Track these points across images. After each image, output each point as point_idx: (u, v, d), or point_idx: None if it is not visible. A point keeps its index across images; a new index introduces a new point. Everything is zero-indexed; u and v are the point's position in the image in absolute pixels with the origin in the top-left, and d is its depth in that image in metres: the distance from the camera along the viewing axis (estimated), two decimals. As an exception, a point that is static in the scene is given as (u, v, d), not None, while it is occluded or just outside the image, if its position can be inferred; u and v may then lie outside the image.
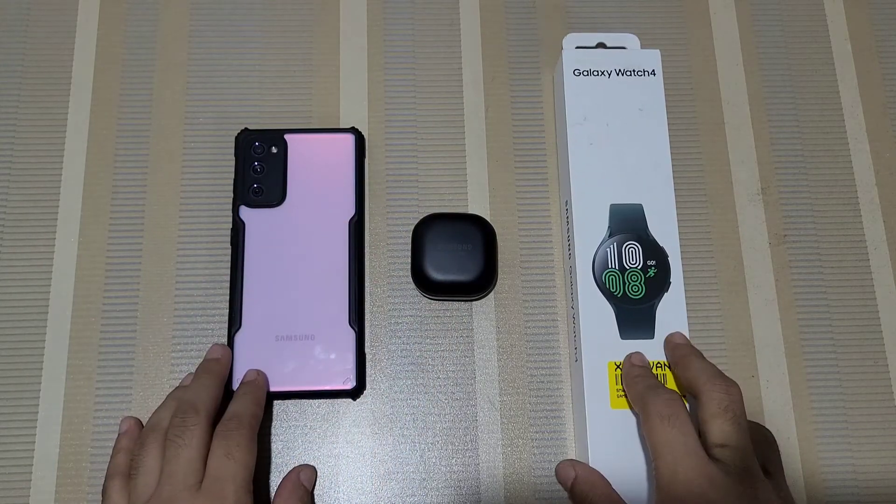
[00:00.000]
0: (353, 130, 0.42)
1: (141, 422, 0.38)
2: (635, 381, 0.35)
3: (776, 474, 0.33)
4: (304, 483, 0.37)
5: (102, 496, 0.34)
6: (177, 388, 0.37)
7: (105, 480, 0.34)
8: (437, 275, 0.39)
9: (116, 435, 0.37)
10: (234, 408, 0.35)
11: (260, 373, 0.38)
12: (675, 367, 0.36)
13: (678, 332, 0.38)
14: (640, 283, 0.39)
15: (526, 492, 0.38)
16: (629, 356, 0.37)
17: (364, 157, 0.43)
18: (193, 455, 0.32)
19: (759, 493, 0.30)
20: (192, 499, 0.31)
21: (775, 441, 0.35)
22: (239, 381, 0.38)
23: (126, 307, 0.41)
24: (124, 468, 0.34)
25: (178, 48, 0.45)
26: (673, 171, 0.40)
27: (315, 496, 0.38)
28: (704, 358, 0.35)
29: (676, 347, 0.37)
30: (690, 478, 0.29)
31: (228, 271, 0.41)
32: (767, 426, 0.40)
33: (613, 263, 0.39)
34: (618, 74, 0.42)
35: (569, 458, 0.38)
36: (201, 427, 0.33)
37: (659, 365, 0.37)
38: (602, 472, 0.35)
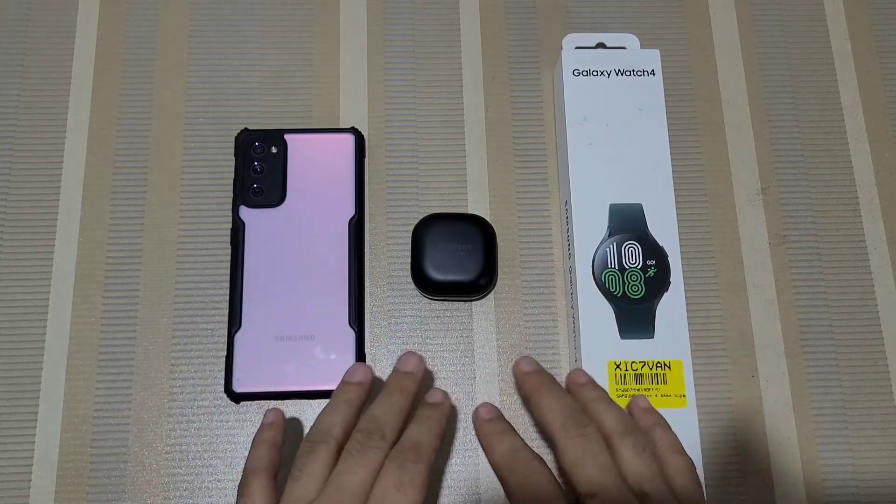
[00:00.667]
0: (353, 130, 0.42)
1: (284, 415, 0.36)
2: (498, 439, 0.33)
3: (667, 453, 0.32)
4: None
5: (240, 490, 0.31)
6: (343, 384, 0.34)
7: (245, 474, 0.32)
8: (437, 275, 0.39)
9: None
10: (416, 435, 0.31)
11: (447, 396, 0.34)
12: (525, 402, 0.34)
13: (525, 358, 0.35)
14: (639, 282, 0.39)
15: (526, 492, 0.38)
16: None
17: (364, 157, 0.43)
18: (367, 478, 0.30)
19: None
20: None
21: (649, 412, 0.35)
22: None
23: (126, 307, 0.41)
24: (268, 463, 0.32)
25: (178, 48, 0.45)
26: (673, 171, 0.40)
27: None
28: (557, 388, 0.34)
29: (525, 378, 0.34)
30: None
31: (228, 271, 0.41)
32: (767, 426, 0.40)
33: (613, 263, 0.39)
34: (617, 74, 0.42)
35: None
36: (383, 452, 0.30)
37: (659, 364, 0.37)
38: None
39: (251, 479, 0.31)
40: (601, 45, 0.44)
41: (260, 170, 0.41)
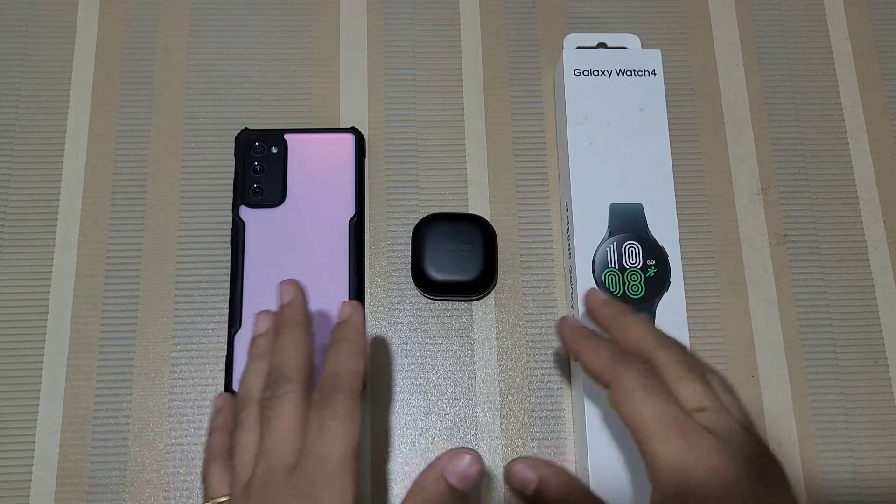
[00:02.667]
0: (353, 130, 0.42)
1: (232, 399, 0.34)
2: (598, 349, 0.29)
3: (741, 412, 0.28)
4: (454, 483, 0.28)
5: (203, 482, 0.31)
6: (254, 340, 0.33)
7: (203, 465, 0.31)
8: (437, 275, 0.39)
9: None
10: (327, 366, 0.29)
11: (355, 307, 0.32)
12: (609, 328, 0.31)
13: (595, 289, 0.32)
14: (639, 282, 0.39)
15: (526, 492, 0.38)
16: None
17: (364, 157, 0.43)
18: (289, 427, 0.27)
19: (764, 450, 0.26)
20: (287, 480, 0.27)
21: (718, 374, 0.30)
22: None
23: (126, 307, 0.41)
24: (222, 449, 0.31)
25: (178, 48, 0.45)
26: (673, 171, 0.40)
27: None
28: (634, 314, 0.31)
29: (605, 305, 0.31)
30: (704, 459, 0.25)
31: (228, 271, 0.41)
32: (767, 426, 0.40)
33: (613, 263, 0.39)
34: (618, 74, 0.42)
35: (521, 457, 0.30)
36: (296, 394, 0.28)
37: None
38: (602, 472, 0.36)
39: (208, 469, 0.31)
40: (602, 45, 0.44)
41: (260, 170, 0.41)
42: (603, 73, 0.42)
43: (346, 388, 0.28)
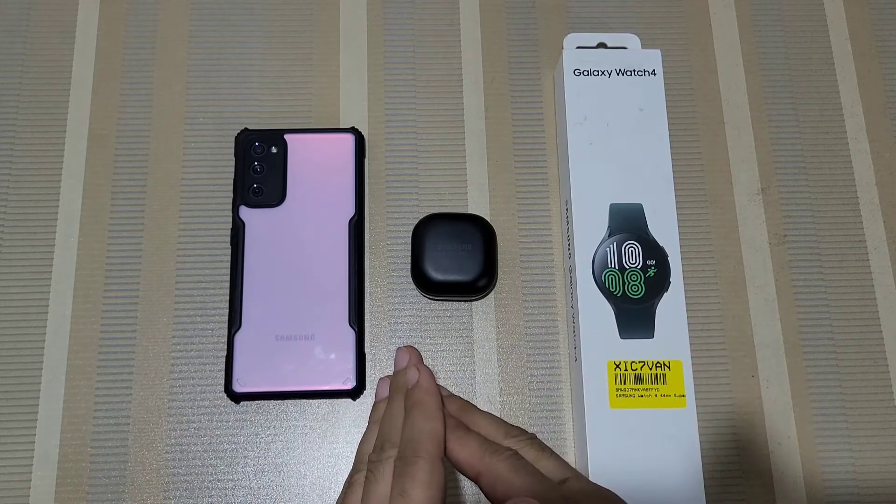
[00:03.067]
0: (353, 130, 0.42)
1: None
2: (466, 439, 0.31)
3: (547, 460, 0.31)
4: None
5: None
6: (375, 405, 0.34)
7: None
8: (437, 275, 0.39)
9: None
10: (405, 433, 0.30)
11: (419, 365, 0.33)
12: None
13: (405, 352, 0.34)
14: (639, 282, 0.39)
15: (526, 492, 0.38)
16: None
17: (364, 157, 0.43)
18: (384, 491, 0.29)
19: (619, 499, 0.29)
20: None
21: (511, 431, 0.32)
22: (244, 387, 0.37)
23: (126, 307, 0.41)
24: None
25: (178, 48, 0.45)
26: (673, 171, 0.40)
27: (316, 496, 0.38)
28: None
29: (450, 401, 0.33)
30: None
31: (228, 271, 0.41)
32: (767, 426, 0.40)
33: (613, 263, 0.39)
34: (618, 74, 0.42)
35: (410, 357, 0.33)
36: (391, 463, 0.29)
37: (659, 364, 0.37)
38: (602, 472, 0.36)
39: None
40: (602, 45, 0.44)
41: (260, 170, 0.41)
42: (603, 73, 0.42)
43: (424, 453, 0.29)
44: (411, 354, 0.33)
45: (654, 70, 0.42)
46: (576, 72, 0.42)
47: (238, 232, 0.40)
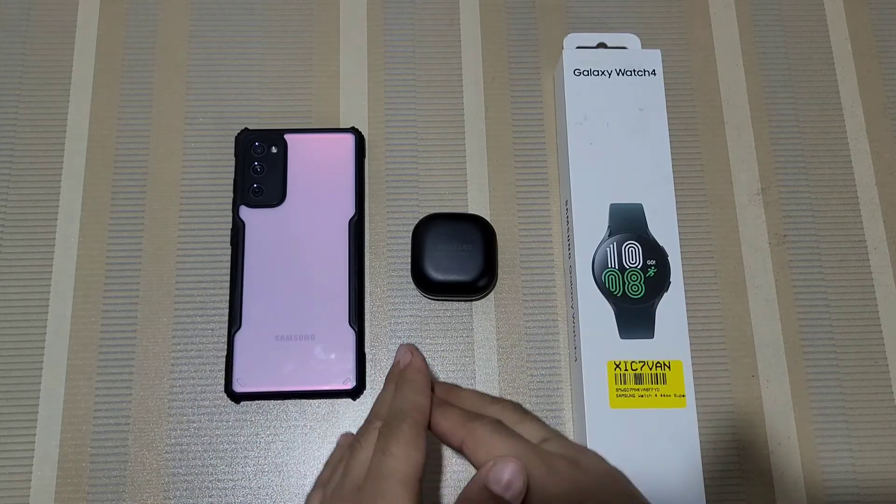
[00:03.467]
0: (353, 130, 0.42)
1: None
2: (448, 412, 0.32)
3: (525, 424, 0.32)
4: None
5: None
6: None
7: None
8: (437, 275, 0.39)
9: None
10: (394, 404, 0.32)
11: (413, 351, 0.34)
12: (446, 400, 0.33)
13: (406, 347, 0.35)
14: (639, 282, 0.39)
15: (526, 492, 0.38)
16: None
17: (364, 157, 0.43)
18: (366, 454, 0.30)
19: (610, 466, 0.30)
20: (352, 496, 0.29)
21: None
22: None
23: (126, 307, 0.41)
24: (324, 480, 0.33)
25: (178, 48, 0.45)
26: (673, 171, 0.40)
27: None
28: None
29: (438, 387, 0.34)
30: (563, 478, 0.28)
31: (228, 271, 0.41)
32: (767, 426, 0.40)
33: (613, 263, 0.39)
34: (618, 74, 0.42)
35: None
36: (377, 430, 0.31)
37: (659, 364, 0.37)
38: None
39: (311, 494, 0.32)
40: (602, 45, 0.44)
41: (260, 170, 0.41)
42: (603, 73, 0.42)
43: (409, 419, 0.30)
44: (411, 349, 0.34)
45: (654, 70, 0.42)
46: (576, 72, 0.42)
47: (238, 232, 0.40)
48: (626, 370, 0.37)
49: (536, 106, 0.45)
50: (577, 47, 0.44)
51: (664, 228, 0.39)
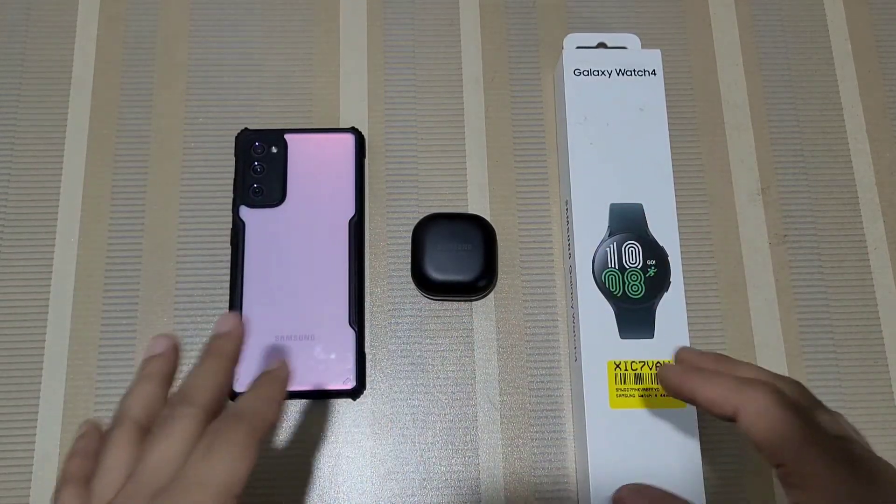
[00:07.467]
0: (353, 130, 0.42)
1: (101, 424, 0.29)
2: (716, 378, 0.27)
3: None
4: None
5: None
6: (147, 360, 0.29)
7: (54, 492, 0.26)
8: (437, 275, 0.39)
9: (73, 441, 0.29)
10: (239, 402, 0.26)
11: (284, 363, 0.29)
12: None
13: (687, 347, 0.32)
14: (639, 282, 0.39)
15: (526, 491, 0.38)
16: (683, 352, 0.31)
17: (364, 157, 0.43)
18: (175, 452, 0.24)
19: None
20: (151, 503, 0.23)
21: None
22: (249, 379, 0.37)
23: (126, 307, 0.41)
24: (80, 474, 0.26)
25: (178, 48, 0.45)
26: (673, 171, 0.40)
27: (316, 496, 0.38)
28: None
29: (705, 356, 0.31)
30: (867, 495, 0.23)
31: (228, 271, 0.41)
32: (767, 426, 0.40)
33: (613, 263, 0.39)
34: (618, 74, 0.42)
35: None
36: (194, 420, 0.25)
37: (659, 364, 0.37)
38: (602, 472, 0.35)
39: (60, 493, 0.25)
40: (602, 45, 0.44)
41: (260, 170, 0.41)
42: (603, 73, 0.42)
43: (247, 424, 0.25)
44: (236, 323, 0.29)
45: (654, 70, 0.42)
46: (576, 72, 0.42)
47: (238, 232, 0.40)
48: (626, 370, 0.37)
49: (536, 106, 0.45)
50: (577, 47, 0.44)
51: (664, 228, 0.39)
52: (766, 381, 0.26)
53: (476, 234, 0.40)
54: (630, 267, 0.39)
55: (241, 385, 0.38)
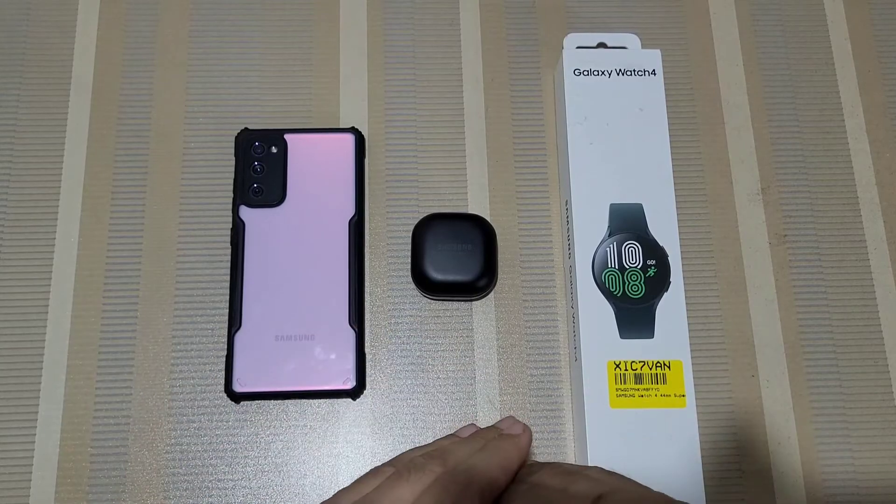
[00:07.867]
0: (353, 130, 0.42)
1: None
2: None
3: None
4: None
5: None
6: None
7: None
8: (437, 275, 0.39)
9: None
10: (472, 459, 0.27)
11: (526, 429, 0.30)
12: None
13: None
14: (639, 282, 0.39)
15: (526, 492, 0.38)
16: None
17: (364, 157, 0.43)
18: (406, 497, 0.25)
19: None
20: None
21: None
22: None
23: (126, 307, 0.41)
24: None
25: (178, 48, 0.45)
26: (673, 171, 0.40)
27: (316, 496, 0.38)
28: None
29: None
30: None
31: (228, 271, 0.41)
32: (767, 426, 0.40)
33: (613, 263, 0.39)
34: (618, 74, 0.42)
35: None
36: (436, 476, 0.26)
37: (659, 364, 0.37)
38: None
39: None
40: (602, 45, 0.44)
41: (260, 170, 0.41)
42: (603, 72, 0.42)
43: (475, 483, 0.26)
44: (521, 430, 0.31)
45: (654, 70, 0.42)
46: (576, 72, 0.42)
47: (238, 232, 0.40)
48: (626, 370, 0.37)
49: (536, 106, 0.45)
50: (577, 47, 0.44)
51: (664, 228, 0.39)
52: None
53: (476, 234, 0.40)
54: (630, 267, 0.39)
55: (241, 385, 0.38)
